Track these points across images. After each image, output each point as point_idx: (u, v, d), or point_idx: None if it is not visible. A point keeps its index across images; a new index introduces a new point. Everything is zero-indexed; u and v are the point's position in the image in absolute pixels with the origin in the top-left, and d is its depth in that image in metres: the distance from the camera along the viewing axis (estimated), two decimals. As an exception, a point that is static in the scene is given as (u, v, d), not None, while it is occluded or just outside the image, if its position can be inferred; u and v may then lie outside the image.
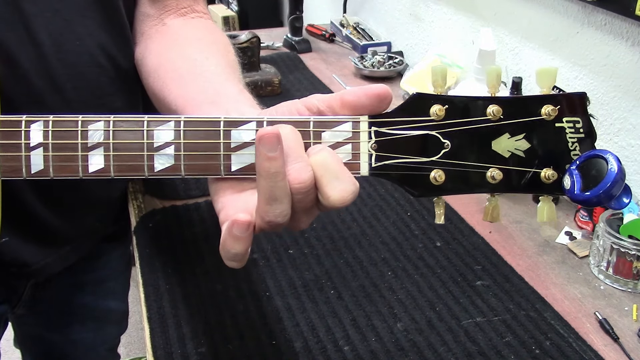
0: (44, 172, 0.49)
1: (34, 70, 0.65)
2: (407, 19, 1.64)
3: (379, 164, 0.48)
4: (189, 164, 0.48)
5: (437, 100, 0.47)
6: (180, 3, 0.76)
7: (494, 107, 0.47)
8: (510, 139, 0.47)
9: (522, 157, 0.48)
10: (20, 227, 0.73)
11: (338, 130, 0.48)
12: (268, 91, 1.38)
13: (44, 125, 0.48)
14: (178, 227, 0.90)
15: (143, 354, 1.50)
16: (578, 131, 0.47)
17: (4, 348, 1.00)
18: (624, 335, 0.73)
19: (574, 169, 0.46)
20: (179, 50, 0.70)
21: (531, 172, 0.48)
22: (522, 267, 0.84)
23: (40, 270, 0.81)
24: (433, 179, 0.48)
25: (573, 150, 0.47)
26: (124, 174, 0.49)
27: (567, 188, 0.46)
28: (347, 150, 0.48)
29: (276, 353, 0.69)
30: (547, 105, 0.47)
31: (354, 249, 0.86)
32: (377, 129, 0.48)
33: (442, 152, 0.47)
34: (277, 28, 2.02)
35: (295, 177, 0.45)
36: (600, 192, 0.43)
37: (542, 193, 0.49)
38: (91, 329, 1.03)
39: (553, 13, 1.11)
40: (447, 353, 0.69)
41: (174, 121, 0.48)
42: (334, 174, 0.45)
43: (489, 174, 0.48)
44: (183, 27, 0.75)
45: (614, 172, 0.43)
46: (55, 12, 0.66)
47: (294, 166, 0.45)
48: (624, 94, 0.99)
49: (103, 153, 0.48)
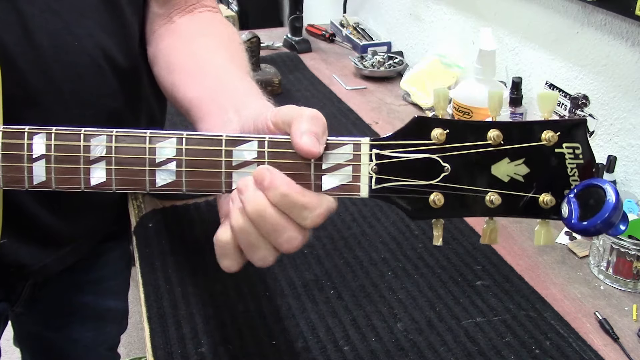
0: (46, 183, 0.49)
1: (32, 71, 0.65)
2: (407, 19, 1.64)
3: (379, 186, 0.48)
4: (190, 180, 0.49)
5: (438, 124, 0.47)
6: (188, 0, 0.77)
7: (494, 132, 0.47)
8: (510, 163, 0.47)
9: (521, 182, 0.48)
10: (20, 228, 0.73)
11: (339, 152, 0.48)
12: (268, 91, 1.37)
13: (46, 138, 0.48)
14: (178, 227, 0.90)
15: (143, 354, 1.50)
16: (577, 157, 0.47)
17: (4, 347, 1.00)
18: (624, 335, 0.73)
19: (572, 197, 0.46)
20: (185, 48, 0.71)
21: (529, 197, 0.48)
22: (522, 267, 0.84)
23: (40, 271, 0.81)
24: (432, 202, 0.48)
25: (572, 176, 0.47)
26: (125, 187, 0.49)
27: (564, 217, 0.46)
28: (348, 172, 0.48)
29: (276, 353, 0.69)
30: (548, 131, 0.47)
31: (354, 249, 0.86)
32: (379, 151, 0.48)
33: (442, 176, 0.48)
34: (277, 28, 2.02)
35: (287, 249, 0.48)
36: (598, 222, 0.43)
37: (540, 218, 0.49)
38: (91, 328, 1.03)
39: (553, 13, 1.11)
40: (447, 353, 0.69)
41: (175, 137, 0.48)
42: (300, 207, 0.47)
43: (488, 199, 0.48)
44: (190, 23, 0.75)
45: (612, 203, 0.43)
46: (54, 12, 0.66)
47: (284, 237, 0.47)
48: (624, 94, 0.99)
49: (105, 167, 0.49)
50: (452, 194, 0.48)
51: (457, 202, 0.48)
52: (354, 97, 1.39)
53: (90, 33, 0.69)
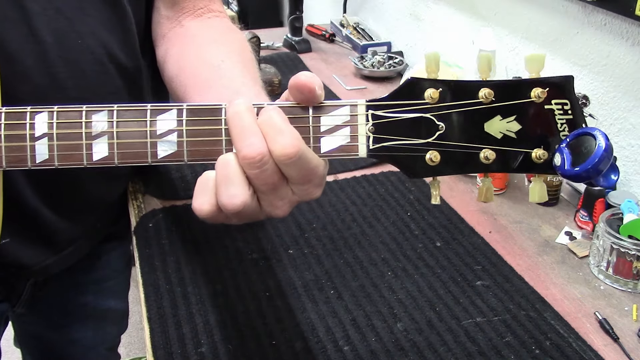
0: (49, 161, 0.49)
1: (35, 69, 0.65)
2: (407, 19, 1.64)
3: (377, 145, 0.49)
4: (192, 149, 0.49)
5: (431, 84, 0.49)
6: (196, 4, 0.77)
7: (485, 90, 0.48)
8: (502, 120, 0.49)
9: (513, 138, 0.49)
10: (21, 228, 0.73)
11: (336, 114, 0.49)
12: (268, 91, 1.37)
13: (48, 117, 0.49)
14: (178, 227, 0.90)
15: (143, 354, 1.50)
16: (566, 113, 0.48)
17: (4, 348, 1.00)
18: (624, 335, 0.73)
19: (564, 146, 0.47)
20: (196, 55, 0.71)
21: (523, 152, 0.49)
22: (522, 267, 0.84)
23: (40, 271, 0.81)
24: (429, 159, 0.49)
25: (562, 131, 0.48)
26: (127, 161, 0.49)
27: (557, 165, 0.48)
28: (346, 133, 0.49)
29: (276, 353, 0.69)
30: (537, 88, 0.48)
31: (354, 249, 0.86)
32: (374, 112, 0.49)
33: (437, 134, 0.49)
34: (277, 28, 2.02)
35: (245, 154, 0.45)
36: (589, 167, 0.45)
37: (534, 172, 0.50)
38: (91, 328, 1.03)
39: (553, 13, 1.11)
40: (447, 353, 0.69)
41: (176, 109, 0.49)
42: (278, 130, 0.46)
43: (482, 155, 0.49)
44: (200, 29, 0.76)
45: (602, 147, 0.45)
46: (58, 10, 0.66)
47: (245, 142, 0.46)
48: (624, 94, 0.99)
49: (107, 141, 0.49)
50: (447, 151, 0.49)
51: (452, 159, 0.49)
52: (354, 97, 1.39)
53: (93, 31, 0.70)
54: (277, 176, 0.46)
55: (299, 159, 0.45)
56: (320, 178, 0.48)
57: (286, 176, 0.47)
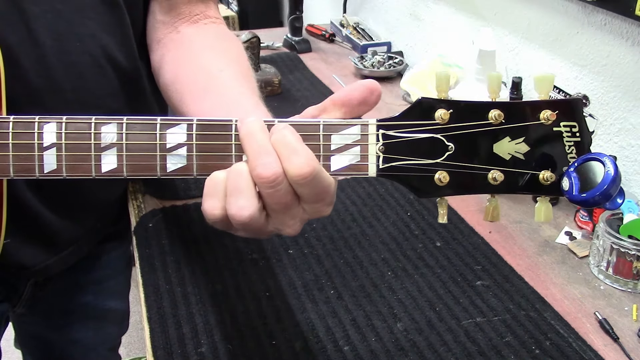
0: (57, 171, 0.49)
1: (34, 71, 0.65)
2: (407, 19, 1.64)
3: (386, 165, 0.49)
4: (201, 164, 0.49)
5: (441, 104, 0.49)
6: (192, 10, 0.77)
7: (495, 112, 0.48)
8: (511, 142, 0.49)
9: (521, 159, 0.49)
10: (22, 229, 0.73)
11: (347, 133, 0.49)
12: (268, 91, 1.38)
13: (57, 127, 0.49)
14: (178, 227, 0.90)
15: (143, 354, 1.50)
16: (574, 135, 0.49)
17: (4, 348, 1.00)
18: (624, 335, 0.73)
19: (572, 171, 0.48)
20: (193, 62, 0.71)
21: (530, 174, 0.49)
22: (522, 267, 0.84)
23: (41, 271, 0.81)
24: (438, 180, 0.49)
25: (570, 154, 0.49)
26: (136, 173, 0.50)
27: (565, 189, 0.48)
28: (356, 152, 0.49)
29: (276, 353, 0.69)
30: (546, 110, 0.48)
31: (354, 249, 0.86)
32: (385, 131, 0.49)
33: (446, 155, 0.49)
34: (277, 28, 2.02)
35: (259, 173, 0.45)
36: (597, 193, 0.45)
37: (541, 194, 0.50)
38: (91, 328, 1.03)
39: (553, 13, 1.11)
40: (447, 353, 0.69)
41: (186, 124, 0.49)
42: (292, 150, 0.46)
43: (491, 176, 0.49)
44: (196, 35, 0.75)
45: (611, 174, 0.45)
46: (57, 12, 0.66)
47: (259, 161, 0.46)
48: (624, 94, 0.99)
49: (116, 153, 0.49)
50: (456, 172, 0.49)
51: (461, 180, 0.50)
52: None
53: (92, 33, 0.70)
54: (290, 196, 0.46)
55: (314, 178, 0.46)
56: (332, 197, 0.49)
57: (299, 195, 0.47)
